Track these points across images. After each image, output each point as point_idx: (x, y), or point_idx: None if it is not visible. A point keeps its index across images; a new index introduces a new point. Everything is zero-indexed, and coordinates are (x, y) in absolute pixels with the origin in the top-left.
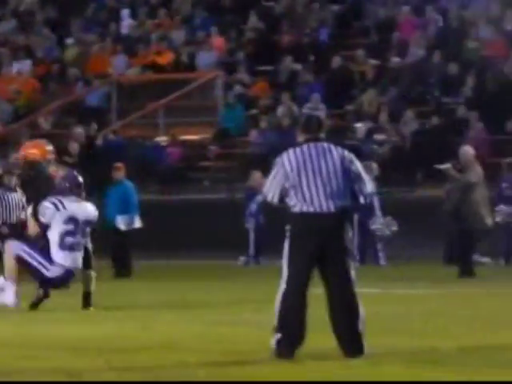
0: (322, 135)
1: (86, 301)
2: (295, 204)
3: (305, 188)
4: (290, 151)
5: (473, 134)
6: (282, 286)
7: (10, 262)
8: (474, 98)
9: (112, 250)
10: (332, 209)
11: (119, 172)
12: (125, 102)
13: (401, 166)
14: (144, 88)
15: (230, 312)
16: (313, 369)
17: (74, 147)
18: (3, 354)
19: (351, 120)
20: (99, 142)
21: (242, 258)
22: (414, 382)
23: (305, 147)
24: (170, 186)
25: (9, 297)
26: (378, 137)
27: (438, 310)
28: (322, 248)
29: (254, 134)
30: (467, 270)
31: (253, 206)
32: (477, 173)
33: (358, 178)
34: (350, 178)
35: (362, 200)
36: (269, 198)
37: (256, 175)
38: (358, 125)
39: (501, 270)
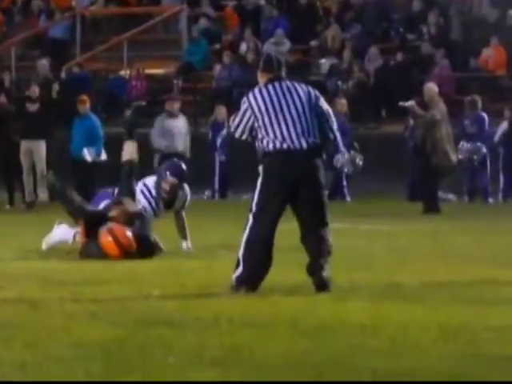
0: (283, 74)
1: None
2: (267, 143)
3: (275, 126)
4: (256, 91)
5: (437, 71)
6: (250, 220)
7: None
8: (438, 35)
9: (77, 182)
10: (304, 146)
11: (84, 105)
12: (89, 35)
13: (365, 102)
14: (108, 21)
15: (198, 246)
16: (277, 303)
17: (35, 91)
18: None
19: (315, 56)
20: (63, 75)
21: (207, 192)
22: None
23: (269, 86)
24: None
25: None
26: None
27: (403, 246)
28: (296, 185)
29: (218, 69)
30: (432, 207)
31: (218, 141)
32: (441, 110)
33: (326, 114)
34: (319, 115)
35: (331, 137)
36: (237, 135)
37: (221, 110)
38: (322, 61)
39: (464, 207)
